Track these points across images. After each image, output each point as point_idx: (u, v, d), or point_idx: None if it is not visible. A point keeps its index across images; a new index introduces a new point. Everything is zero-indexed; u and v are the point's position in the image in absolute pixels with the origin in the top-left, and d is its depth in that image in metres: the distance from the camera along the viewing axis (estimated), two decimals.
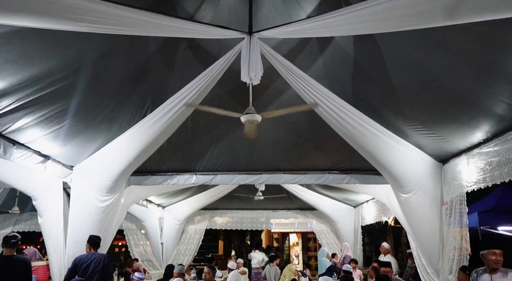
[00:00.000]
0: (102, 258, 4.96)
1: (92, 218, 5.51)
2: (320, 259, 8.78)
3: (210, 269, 5.25)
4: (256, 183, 6.63)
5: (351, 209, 10.58)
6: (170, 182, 6.38)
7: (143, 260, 11.13)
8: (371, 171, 6.15)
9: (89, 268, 4.82)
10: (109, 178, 5.43)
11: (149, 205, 9.50)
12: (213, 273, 5.30)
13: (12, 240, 4.29)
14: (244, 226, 12.20)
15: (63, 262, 5.47)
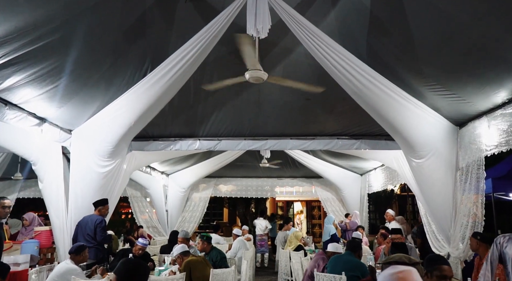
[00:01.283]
0: (95, 220, 4.99)
1: (93, 183, 5.37)
2: (326, 225, 8.71)
3: (201, 239, 5.13)
4: (262, 149, 6.41)
5: (358, 177, 10.45)
6: (173, 147, 6.18)
7: (148, 227, 11.23)
8: (382, 136, 5.91)
9: (83, 229, 4.99)
10: (109, 143, 5.23)
11: (153, 172, 9.41)
12: (207, 242, 5.16)
13: None
14: (249, 193, 12.18)
15: (66, 227, 5.40)
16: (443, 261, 2.49)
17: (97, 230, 4.93)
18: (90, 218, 5.06)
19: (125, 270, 2.04)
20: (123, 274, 2.03)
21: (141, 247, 5.30)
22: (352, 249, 4.32)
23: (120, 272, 2.05)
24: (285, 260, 6.75)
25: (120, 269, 2.07)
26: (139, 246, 5.29)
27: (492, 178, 6.54)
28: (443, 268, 2.40)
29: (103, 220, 5.06)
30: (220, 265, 4.91)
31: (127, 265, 2.08)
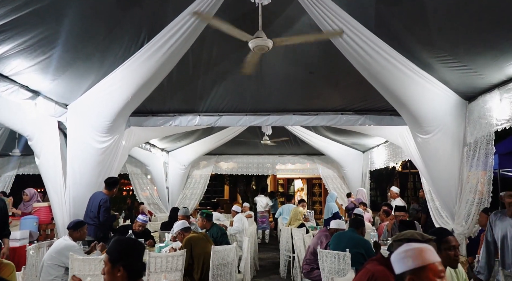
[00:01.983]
0: (100, 199, 4.95)
1: (91, 159, 5.26)
2: (328, 203, 8.66)
3: (201, 216, 5.05)
4: (263, 125, 6.27)
5: (360, 154, 10.35)
6: (172, 123, 6.02)
7: (149, 204, 11.22)
8: (387, 111, 5.75)
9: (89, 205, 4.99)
10: (106, 118, 5.09)
11: (153, 149, 9.30)
12: (207, 219, 5.08)
13: None
14: (250, 171, 12.11)
15: (64, 203, 5.32)
16: (446, 232, 2.44)
17: (101, 209, 4.86)
18: (97, 195, 5.01)
19: (118, 250, 1.90)
20: (116, 254, 1.88)
21: (141, 223, 5.24)
22: (355, 226, 4.24)
23: (112, 251, 1.91)
24: (286, 237, 6.71)
25: (112, 249, 1.92)
26: (139, 222, 5.23)
27: (498, 154, 6.41)
28: (449, 239, 2.35)
29: (108, 200, 5.00)
30: (221, 241, 4.85)
31: (120, 244, 1.94)
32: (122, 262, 1.85)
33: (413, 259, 1.49)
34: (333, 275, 3.76)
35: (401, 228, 3.82)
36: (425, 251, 1.49)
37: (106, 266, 1.88)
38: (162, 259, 3.58)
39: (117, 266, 1.83)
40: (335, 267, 3.75)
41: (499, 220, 3.58)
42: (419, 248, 1.50)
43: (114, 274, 1.83)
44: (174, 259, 3.63)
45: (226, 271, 4.01)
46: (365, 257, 3.88)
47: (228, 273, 4.05)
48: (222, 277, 3.95)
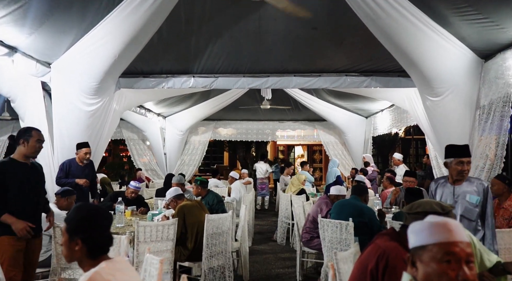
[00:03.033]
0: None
1: (79, 123, 4.97)
2: (331, 169, 8.42)
3: (195, 184, 4.80)
4: (262, 87, 5.89)
5: (363, 120, 10.03)
6: (165, 85, 5.65)
7: (147, 170, 11.10)
8: (395, 72, 5.36)
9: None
10: (93, 78, 4.74)
11: (148, 114, 8.98)
12: (202, 187, 4.85)
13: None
14: (249, 137, 11.86)
15: (52, 169, 5.08)
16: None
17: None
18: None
19: (77, 219, 1.56)
20: (74, 224, 1.55)
21: (133, 190, 5.01)
22: (358, 193, 3.99)
23: (71, 221, 1.57)
24: (285, 204, 6.53)
25: (72, 218, 1.58)
26: (131, 189, 5.00)
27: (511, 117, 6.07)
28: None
29: (64, 163, 4.78)
30: (217, 209, 4.64)
31: (80, 212, 1.59)
32: (82, 234, 1.52)
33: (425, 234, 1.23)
34: (334, 245, 3.55)
35: (408, 197, 3.57)
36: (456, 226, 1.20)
37: (63, 237, 1.56)
38: (152, 228, 3.35)
39: (75, 238, 1.52)
40: (336, 236, 3.52)
41: (439, 189, 3.18)
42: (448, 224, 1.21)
43: (72, 247, 1.52)
44: (165, 228, 3.40)
45: (221, 240, 3.80)
46: (369, 226, 3.65)
47: (223, 242, 3.84)
48: (217, 246, 3.75)
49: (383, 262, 1.50)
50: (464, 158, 3.04)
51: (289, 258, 5.55)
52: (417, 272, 1.24)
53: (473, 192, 3.07)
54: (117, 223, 3.94)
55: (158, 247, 3.35)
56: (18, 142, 3.10)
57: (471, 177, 3.22)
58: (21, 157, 3.12)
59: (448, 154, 3.13)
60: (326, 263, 3.62)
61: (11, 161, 3.10)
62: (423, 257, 1.22)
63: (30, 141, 3.10)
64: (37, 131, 3.19)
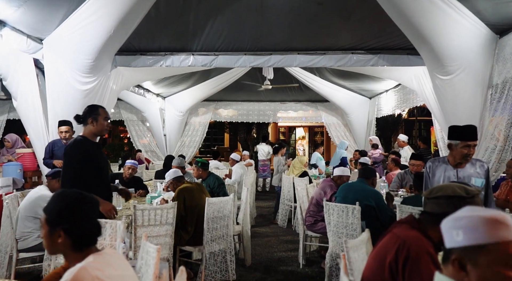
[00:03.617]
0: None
1: (74, 102, 4.77)
2: (338, 150, 8.26)
3: (196, 165, 4.64)
4: (264, 66, 5.66)
5: (366, 101, 9.81)
6: (164, 63, 5.43)
7: (146, 151, 10.95)
8: (404, 50, 5.13)
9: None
10: (88, 56, 4.54)
11: (147, 94, 8.77)
12: (203, 168, 4.69)
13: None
14: (250, 118, 11.66)
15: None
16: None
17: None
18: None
19: (59, 208, 1.35)
20: (56, 213, 1.35)
21: (130, 166, 4.84)
22: (365, 176, 3.83)
23: (51, 210, 1.37)
24: (288, 186, 6.39)
25: (52, 207, 1.38)
26: (128, 165, 4.83)
27: None
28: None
29: (48, 144, 4.65)
30: (218, 192, 4.50)
31: (60, 200, 1.38)
32: (64, 225, 1.33)
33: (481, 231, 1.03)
34: (340, 230, 3.41)
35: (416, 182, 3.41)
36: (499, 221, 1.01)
37: (43, 229, 1.38)
38: (150, 212, 3.21)
39: (57, 230, 1.33)
40: (342, 221, 3.39)
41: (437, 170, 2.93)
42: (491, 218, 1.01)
43: (54, 240, 1.34)
44: (164, 212, 3.26)
45: (222, 224, 3.67)
46: (376, 210, 3.51)
47: (225, 226, 3.71)
48: (218, 230, 3.62)
49: (403, 254, 1.35)
50: (472, 142, 2.81)
51: (291, 241, 5.45)
52: (467, 277, 1.03)
53: (476, 174, 2.88)
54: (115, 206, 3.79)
55: (157, 231, 3.22)
56: (87, 121, 3.01)
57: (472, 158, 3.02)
58: (91, 136, 3.03)
59: (453, 135, 2.87)
60: (331, 248, 3.49)
61: (85, 140, 2.99)
62: (480, 259, 1.01)
63: (98, 119, 3.02)
64: (103, 109, 3.12)
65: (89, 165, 2.91)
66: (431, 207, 1.52)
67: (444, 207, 1.47)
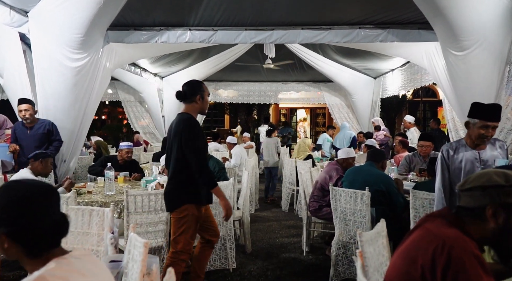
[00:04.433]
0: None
1: (65, 81, 4.51)
2: (345, 130, 8.01)
3: None
4: (266, 42, 5.35)
5: (371, 81, 9.49)
6: (159, 39, 5.11)
7: (145, 133, 10.74)
8: (415, 24, 4.81)
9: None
10: (77, 29, 4.24)
11: (144, 73, 8.46)
12: None
13: None
14: (251, 99, 11.37)
15: None
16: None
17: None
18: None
19: (4, 206, 1.05)
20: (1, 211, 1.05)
21: (128, 149, 4.59)
22: (374, 159, 3.58)
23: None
24: (290, 169, 6.17)
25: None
26: (126, 149, 4.58)
27: None
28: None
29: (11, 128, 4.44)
30: (218, 176, 4.26)
31: (5, 195, 1.07)
32: (5, 227, 1.04)
33: None
34: (348, 216, 3.19)
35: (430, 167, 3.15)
36: None
37: None
38: (144, 198, 2.97)
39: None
40: (350, 207, 3.16)
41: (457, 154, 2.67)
42: None
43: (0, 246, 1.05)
44: (158, 198, 3.02)
45: (221, 209, 3.43)
46: (386, 195, 3.27)
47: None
48: (217, 216, 3.39)
49: (443, 259, 1.10)
50: (491, 122, 2.55)
51: (294, 226, 5.25)
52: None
53: (498, 155, 2.66)
54: (107, 191, 3.58)
55: (151, 218, 3.00)
56: (194, 98, 2.78)
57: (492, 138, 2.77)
58: (195, 114, 2.80)
59: (474, 113, 2.61)
60: (338, 236, 3.28)
61: (192, 117, 2.76)
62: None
63: (204, 96, 2.81)
64: (205, 85, 2.91)
65: (201, 143, 2.71)
66: (466, 200, 1.28)
67: (480, 200, 1.24)
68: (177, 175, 2.65)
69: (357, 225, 3.12)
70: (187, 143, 2.61)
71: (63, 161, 4.83)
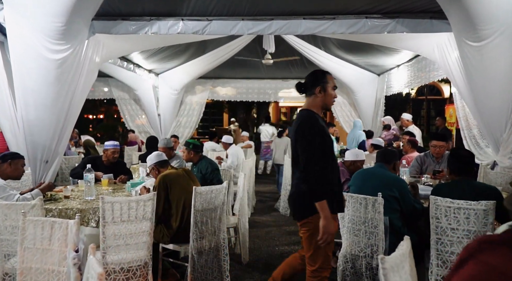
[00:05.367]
0: None
1: (46, 74, 4.14)
2: (354, 131, 7.64)
3: (186, 147, 4.03)
4: (265, 33, 4.95)
5: (374, 78, 9.12)
6: (149, 30, 4.72)
7: (140, 132, 10.39)
8: (426, 13, 4.42)
9: None
10: (57, 18, 3.87)
11: (138, 70, 8.08)
12: (194, 151, 4.09)
13: None
14: (250, 97, 10.99)
15: (17, 128, 4.35)
16: None
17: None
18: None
19: None
20: None
21: (114, 149, 4.21)
22: (385, 160, 3.18)
23: None
24: (289, 170, 5.77)
25: None
26: (111, 149, 4.20)
27: None
28: None
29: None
30: (211, 178, 3.89)
31: None
32: None
33: None
34: (357, 226, 2.80)
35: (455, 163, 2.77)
36: None
37: None
38: (123, 205, 2.59)
39: None
40: (360, 215, 2.77)
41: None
42: None
43: None
44: (140, 205, 2.64)
45: (213, 217, 3.06)
46: (400, 201, 2.89)
47: (216, 220, 3.10)
48: (208, 225, 3.02)
49: None
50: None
51: (294, 232, 4.87)
52: None
53: None
54: (87, 195, 3.20)
55: (131, 229, 2.61)
56: (313, 90, 2.41)
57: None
58: (317, 109, 2.43)
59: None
60: (345, 248, 2.89)
61: (313, 113, 2.39)
62: None
63: (327, 88, 2.44)
64: (330, 75, 2.54)
65: (327, 141, 2.34)
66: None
67: None
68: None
69: (368, 236, 2.73)
70: (301, 142, 2.26)
71: (44, 162, 4.46)
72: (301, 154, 2.25)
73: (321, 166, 2.22)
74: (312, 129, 2.27)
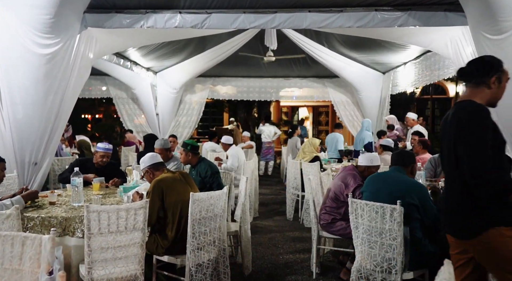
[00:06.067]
0: None
1: (34, 70, 3.89)
2: (362, 131, 7.36)
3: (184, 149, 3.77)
4: (268, 27, 4.66)
5: (379, 76, 8.85)
6: (145, 24, 4.44)
7: (138, 132, 10.14)
8: (440, 5, 4.14)
9: None
10: (45, 10, 3.63)
11: (135, 67, 7.82)
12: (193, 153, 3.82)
13: None
14: (251, 96, 10.73)
15: (3, 128, 4.07)
16: None
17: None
18: None
19: None
20: None
21: (103, 153, 3.94)
22: (401, 162, 2.89)
23: None
24: (294, 172, 5.50)
25: None
26: (101, 152, 3.93)
27: None
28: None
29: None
30: (210, 182, 3.62)
31: None
32: None
33: None
34: (373, 238, 2.51)
35: None
36: None
37: None
38: (111, 215, 2.31)
39: None
40: (377, 226, 2.49)
41: None
42: None
43: None
44: (130, 214, 2.36)
45: (213, 226, 2.78)
46: (419, 209, 2.61)
47: (216, 229, 2.82)
48: (207, 235, 2.74)
49: None
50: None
51: (300, 239, 4.59)
52: None
53: None
54: (74, 201, 2.92)
55: (120, 241, 2.33)
56: (485, 78, 1.95)
57: None
58: (484, 103, 1.95)
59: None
60: (359, 261, 2.62)
61: (480, 106, 1.94)
62: None
63: (503, 80, 1.98)
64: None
65: (490, 143, 1.84)
66: None
67: None
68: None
69: (385, 248, 2.45)
70: (464, 138, 1.85)
71: (33, 164, 4.19)
72: (464, 152, 1.86)
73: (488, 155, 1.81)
74: (485, 125, 1.84)
